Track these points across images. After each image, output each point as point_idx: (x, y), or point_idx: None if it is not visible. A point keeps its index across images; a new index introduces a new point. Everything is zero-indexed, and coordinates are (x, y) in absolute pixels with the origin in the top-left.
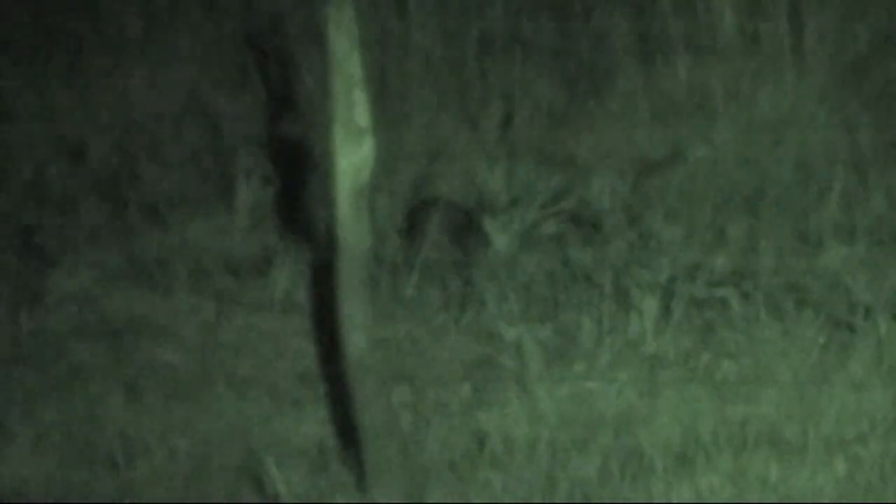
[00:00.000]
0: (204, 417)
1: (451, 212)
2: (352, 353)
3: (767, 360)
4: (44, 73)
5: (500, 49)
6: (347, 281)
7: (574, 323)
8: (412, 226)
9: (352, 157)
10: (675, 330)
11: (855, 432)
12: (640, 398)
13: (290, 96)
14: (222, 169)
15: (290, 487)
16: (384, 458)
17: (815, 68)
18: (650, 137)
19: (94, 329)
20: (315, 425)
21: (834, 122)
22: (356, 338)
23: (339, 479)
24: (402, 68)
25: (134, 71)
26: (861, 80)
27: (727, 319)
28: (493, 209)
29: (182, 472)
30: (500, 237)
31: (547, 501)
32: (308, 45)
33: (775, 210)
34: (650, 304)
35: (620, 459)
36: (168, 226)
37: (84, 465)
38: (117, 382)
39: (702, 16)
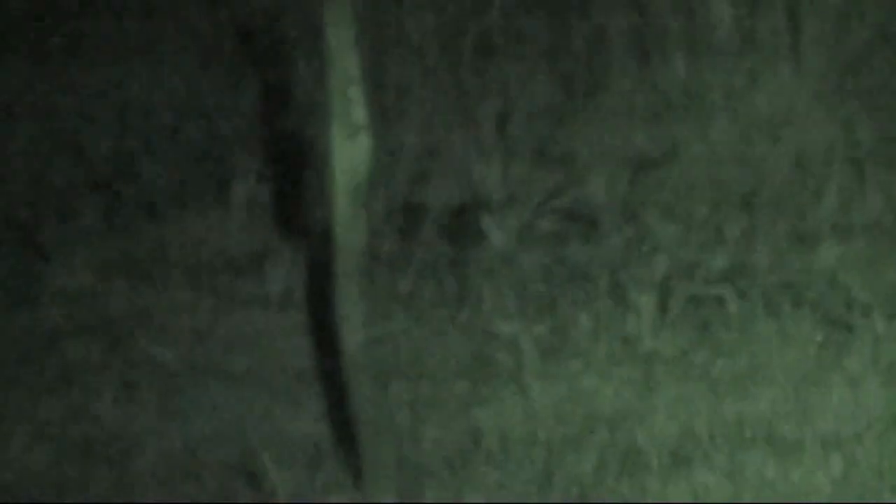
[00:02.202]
0: (199, 414)
1: (448, 209)
2: (348, 350)
3: (764, 358)
4: (41, 70)
5: (498, 46)
6: (344, 278)
7: (570, 320)
8: (408, 223)
9: (348, 155)
10: (671, 328)
11: (851, 431)
12: (637, 396)
13: (286, 93)
14: (219, 166)
15: (286, 485)
16: (380, 456)
17: (812, 66)
18: (647, 135)
19: (90, 325)
20: (311, 422)
21: (831, 119)
22: (352, 335)
23: (335, 476)
24: (399, 66)
25: (131, 68)
26: (858, 78)
27: (723, 317)
28: (489, 207)
29: (177, 468)
30: (497, 235)
31: (542, 498)
32: (305, 43)
33: (772, 208)
34: (647, 302)
35: (616, 457)
36: (164, 222)
37: (79, 462)
38: (113, 379)
39: (699, 13)
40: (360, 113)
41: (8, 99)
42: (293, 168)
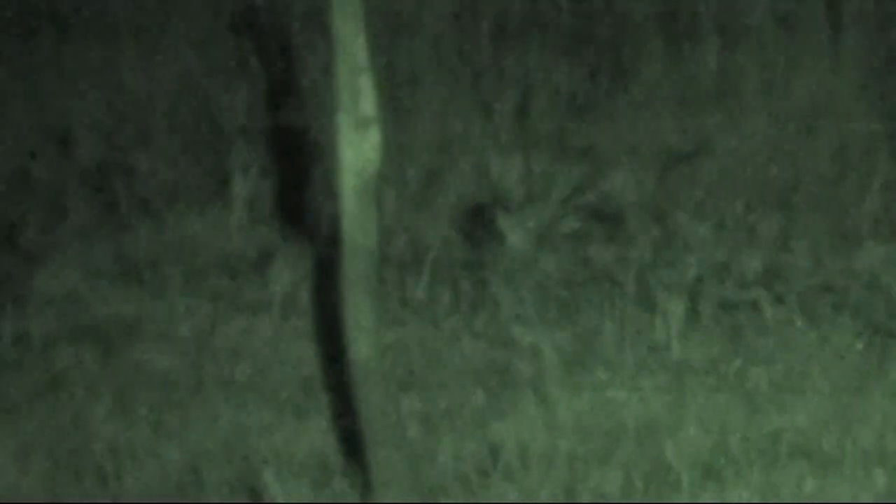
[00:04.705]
0: (198, 427)
1: (463, 208)
2: (357, 359)
3: (801, 367)
4: (29, 58)
5: (516, 33)
6: (352, 281)
7: (595, 327)
8: (421, 223)
9: (357, 149)
10: (702, 334)
11: (895, 444)
12: (666, 407)
13: (291, 84)
14: (218, 161)
15: (290, 502)
16: (391, 472)
17: (852, 54)
18: (676, 128)
19: (82, 332)
20: (317, 435)
21: (873, 112)
22: (362, 342)
23: (343, 493)
24: (411, 54)
25: (124, 56)
26: None
27: (758, 323)
28: (507, 205)
29: (174, 484)
30: (516, 235)
31: None
32: (311, 29)
33: (810, 206)
34: (676, 307)
35: (644, 473)
36: (160, 222)
37: (71, 477)
38: (106, 389)
39: None
40: (369, 104)
41: None
42: (298, 163)
